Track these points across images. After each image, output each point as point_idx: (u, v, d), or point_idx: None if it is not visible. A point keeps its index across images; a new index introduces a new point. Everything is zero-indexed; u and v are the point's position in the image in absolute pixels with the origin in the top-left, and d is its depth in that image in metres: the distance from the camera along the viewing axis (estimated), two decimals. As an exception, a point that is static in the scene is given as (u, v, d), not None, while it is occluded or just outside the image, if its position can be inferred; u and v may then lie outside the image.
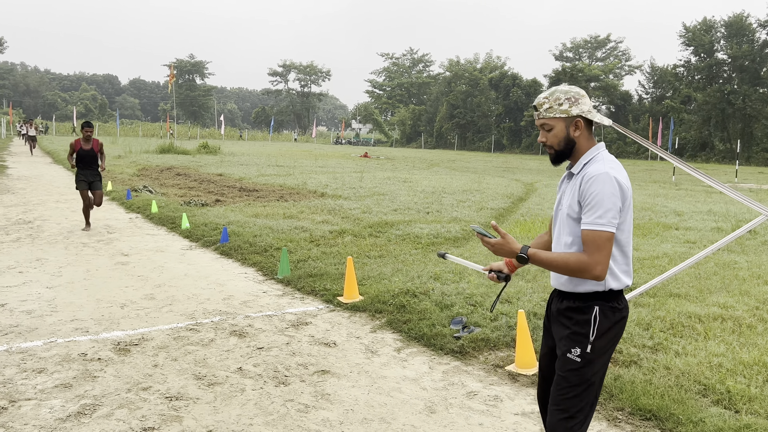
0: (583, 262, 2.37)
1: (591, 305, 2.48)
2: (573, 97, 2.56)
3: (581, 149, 2.59)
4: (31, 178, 19.46)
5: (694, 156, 54.93)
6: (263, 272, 7.54)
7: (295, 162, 30.29)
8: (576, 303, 2.52)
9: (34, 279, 6.89)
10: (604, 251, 2.36)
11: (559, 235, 2.60)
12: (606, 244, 2.36)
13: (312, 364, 4.61)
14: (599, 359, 2.49)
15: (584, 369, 2.46)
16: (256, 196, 14.78)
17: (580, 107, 2.55)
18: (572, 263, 2.39)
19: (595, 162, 2.52)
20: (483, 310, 5.63)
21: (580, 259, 2.38)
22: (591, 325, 2.46)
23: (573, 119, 2.56)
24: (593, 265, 2.35)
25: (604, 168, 2.44)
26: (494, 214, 12.52)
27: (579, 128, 2.57)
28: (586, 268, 2.37)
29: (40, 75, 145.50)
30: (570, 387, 2.47)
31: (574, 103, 2.55)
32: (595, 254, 2.36)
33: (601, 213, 2.37)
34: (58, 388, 4.04)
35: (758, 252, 8.88)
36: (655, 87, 67.05)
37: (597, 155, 2.55)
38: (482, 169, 30.36)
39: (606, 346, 2.50)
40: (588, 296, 2.49)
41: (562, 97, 2.57)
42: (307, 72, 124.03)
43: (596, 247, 2.36)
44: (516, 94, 74.13)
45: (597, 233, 2.36)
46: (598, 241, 2.36)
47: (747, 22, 55.46)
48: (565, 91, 2.58)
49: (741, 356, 4.57)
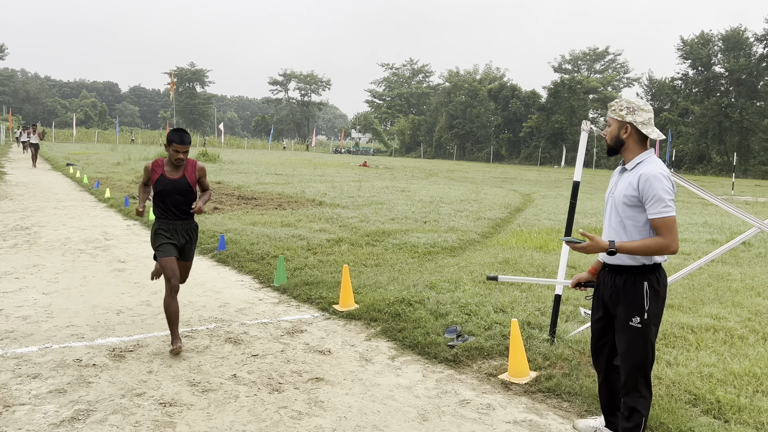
0: (662, 244, 3.03)
1: (641, 278, 3.15)
2: (632, 108, 3.20)
3: (631, 150, 3.23)
4: (30, 184, 19.49)
5: (692, 168, 55.12)
6: (260, 280, 7.57)
7: (294, 171, 30.36)
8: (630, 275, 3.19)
9: (30, 285, 6.91)
10: (675, 231, 3.04)
11: (610, 215, 3.30)
12: (674, 225, 3.04)
13: (306, 372, 4.64)
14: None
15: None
16: (254, 204, 14.82)
17: (633, 117, 3.18)
18: (653, 246, 3.04)
19: (648, 163, 3.15)
20: (477, 319, 5.66)
21: (659, 242, 3.04)
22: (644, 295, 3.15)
23: (625, 124, 3.21)
24: (670, 243, 3.03)
25: (657, 168, 3.09)
26: (491, 224, 12.56)
27: (628, 133, 3.21)
28: (666, 247, 3.03)
29: (40, 81, 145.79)
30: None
31: (630, 112, 3.20)
32: (669, 235, 3.03)
33: (664, 204, 3.03)
34: (52, 394, 4.06)
35: (752, 264, 8.93)
36: (653, 99, 67.31)
37: (648, 158, 3.18)
38: (480, 180, 30.44)
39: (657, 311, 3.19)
40: (638, 269, 3.16)
41: (624, 104, 3.23)
42: (308, 81, 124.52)
43: (668, 229, 3.03)
44: (515, 105, 74.44)
45: (665, 219, 3.03)
46: (669, 223, 3.03)
47: (744, 36, 55.86)
48: (629, 101, 3.24)
49: (732, 367, 4.60)
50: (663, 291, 3.21)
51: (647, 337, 3.17)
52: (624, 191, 3.18)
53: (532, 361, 4.76)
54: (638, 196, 3.12)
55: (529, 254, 8.94)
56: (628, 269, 3.18)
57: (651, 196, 3.05)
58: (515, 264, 8.20)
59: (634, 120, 3.19)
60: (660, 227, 3.04)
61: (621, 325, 3.23)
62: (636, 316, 3.16)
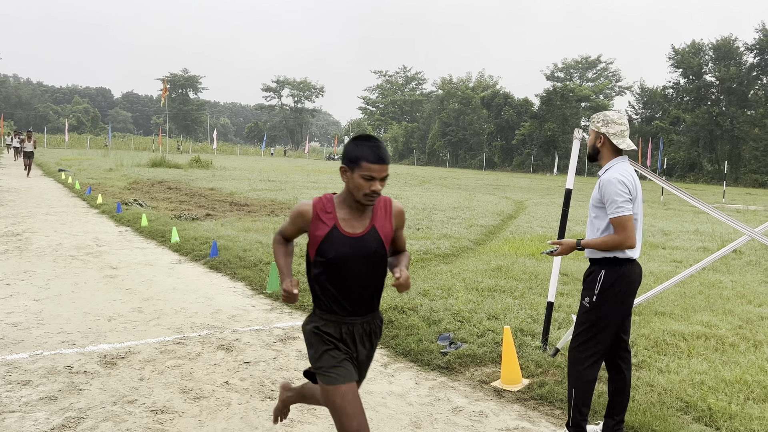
0: (617, 240, 3.41)
1: (600, 268, 3.54)
2: (606, 121, 3.61)
3: (605, 158, 3.64)
4: (21, 190, 19.39)
5: (683, 176, 55.46)
6: (252, 287, 7.55)
7: (287, 177, 30.34)
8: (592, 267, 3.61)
9: (21, 291, 6.86)
10: (628, 228, 3.38)
11: (589, 218, 3.69)
12: (627, 224, 3.38)
13: (299, 379, 4.62)
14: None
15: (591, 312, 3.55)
16: (246, 210, 14.80)
17: (607, 128, 3.59)
18: (610, 242, 3.43)
19: (611, 170, 3.54)
20: (470, 327, 5.67)
21: (614, 238, 3.42)
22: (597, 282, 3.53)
23: (600, 135, 3.63)
24: (624, 240, 3.38)
25: (615, 174, 3.47)
26: (484, 231, 12.59)
27: (602, 142, 3.62)
28: (620, 243, 3.40)
29: (32, 87, 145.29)
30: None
31: (605, 124, 3.61)
32: (622, 233, 3.39)
33: (616, 205, 3.39)
34: (43, 401, 4.03)
35: (743, 272, 8.99)
36: (644, 108, 67.81)
37: (614, 165, 3.57)
38: (473, 187, 30.52)
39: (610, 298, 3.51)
40: (598, 260, 3.56)
41: (601, 117, 3.65)
42: (301, 88, 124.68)
43: (621, 227, 3.38)
44: (507, 112, 74.72)
45: (618, 218, 3.39)
46: (622, 222, 3.38)
47: (735, 45, 56.38)
48: (605, 115, 3.64)
49: (723, 374, 4.62)
50: (620, 284, 3.49)
51: (590, 318, 3.53)
52: (593, 194, 3.61)
53: (525, 368, 4.77)
54: (600, 198, 3.52)
55: (521, 261, 8.96)
56: (592, 261, 3.63)
57: (607, 198, 3.45)
58: (508, 271, 8.22)
59: (608, 131, 3.58)
60: (615, 226, 3.42)
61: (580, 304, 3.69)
62: (587, 297, 3.57)
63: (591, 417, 3.96)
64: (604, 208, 3.49)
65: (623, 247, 3.41)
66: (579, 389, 3.56)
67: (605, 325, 3.51)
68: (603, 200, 3.48)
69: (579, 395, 3.56)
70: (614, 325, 3.54)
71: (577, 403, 3.56)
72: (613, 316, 3.52)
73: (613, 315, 3.52)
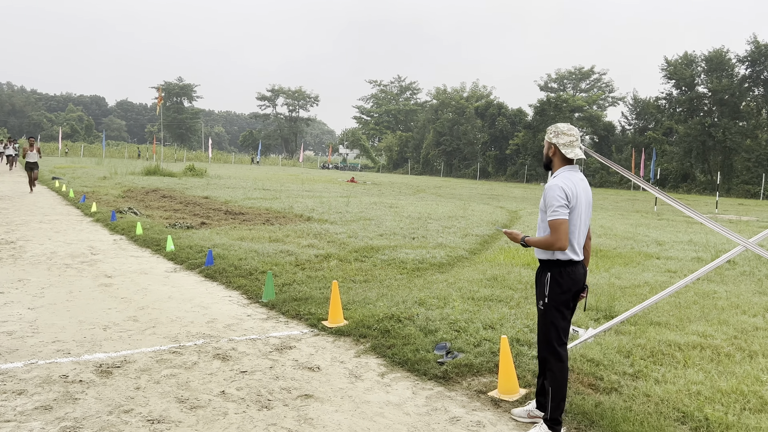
0: (550, 240, 3.73)
1: (546, 270, 3.86)
2: (557, 132, 3.91)
3: (556, 166, 3.96)
4: (14, 197, 19.30)
5: (676, 187, 55.76)
6: (248, 296, 7.53)
7: (282, 186, 30.33)
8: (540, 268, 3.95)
9: (15, 300, 6.82)
10: (561, 231, 3.68)
11: (539, 217, 3.97)
12: (560, 227, 3.69)
13: (295, 388, 4.61)
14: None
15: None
16: (241, 219, 14.78)
17: (557, 139, 3.90)
18: (544, 242, 3.76)
19: (556, 177, 3.86)
20: (467, 336, 5.67)
21: (548, 239, 3.74)
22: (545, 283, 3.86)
23: (551, 145, 3.95)
24: (554, 241, 3.70)
25: (557, 181, 3.80)
26: (479, 240, 12.61)
27: (553, 152, 3.95)
28: (552, 243, 3.71)
29: (26, 95, 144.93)
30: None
31: (555, 135, 3.92)
32: (554, 234, 3.70)
33: (553, 209, 3.71)
34: (38, 410, 4.00)
35: (737, 282, 9.03)
36: (637, 118, 68.20)
37: (560, 174, 3.88)
38: (467, 196, 30.58)
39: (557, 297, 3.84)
40: (544, 263, 3.89)
41: (553, 129, 3.94)
42: (296, 97, 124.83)
43: (554, 229, 3.70)
44: (501, 122, 75.07)
45: (553, 221, 3.71)
46: (555, 225, 3.70)
47: (727, 57, 56.87)
48: (557, 127, 3.94)
49: (719, 384, 4.64)
50: (566, 283, 3.81)
51: (548, 318, 3.85)
52: (541, 200, 3.92)
53: (522, 378, 4.77)
54: (543, 203, 3.85)
55: (517, 271, 8.98)
56: (540, 262, 3.93)
57: (547, 202, 3.78)
58: (503, 281, 8.23)
59: (558, 142, 3.89)
60: (550, 227, 3.74)
61: (537, 308, 3.97)
62: (540, 300, 3.90)
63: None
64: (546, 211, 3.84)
65: (555, 247, 3.71)
66: (562, 384, 3.84)
67: (559, 324, 3.86)
68: (544, 204, 3.83)
69: (563, 389, 3.85)
70: (568, 317, 3.91)
71: (562, 397, 3.84)
72: (565, 311, 3.87)
73: (565, 309, 3.87)
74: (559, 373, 3.84)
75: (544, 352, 3.90)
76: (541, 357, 3.92)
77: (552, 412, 3.84)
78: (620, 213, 22.51)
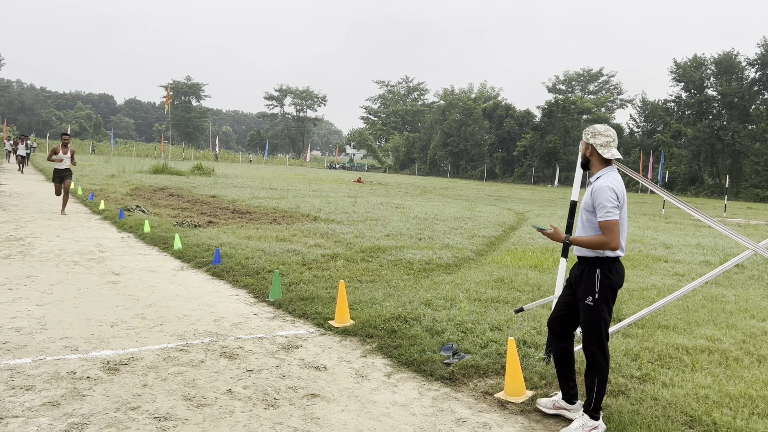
0: (603, 240, 3.81)
1: (595, 267, 3.93)
2: (594, 133, 4.02)
3: (595, 167, 4.06)
4: (23, 195, 19.41)
5: (684, 190, 55.51)
6: (255, 294, 7.54)
7: (289, 185, 30.38)
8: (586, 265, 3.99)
9: (24, 296, 6.86)
10: (614, 231, 3.79)
11: (579, 218, 4.07)
12: (614, 227, 3.79)
13: (302, 388, 4.61)
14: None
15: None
16: (248, 218, 14.80)
17: (595, 140, 4.01)
18: (596, 241, 3.84)
19: (602, 178, 3.95)
20: (473, 337, 5.66)
21: (600, 239, 3.82)
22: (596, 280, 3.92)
23: (589, 146, 4.06)
24: (609, 241, 3.79)
25: (606, 182, 3.89)
26: (486, 242, 12.59)
27: (591, 152, 4.05)
28: (606, 243, 3.80)
29: (35, 93, 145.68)
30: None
31: (593, 136, 4.03)
32: (608, 234, 3.80)
33: (606, 210, 3.80)
34: (46, 406, 4.02)
35: (745, 286, 8.97)
36: (646, 121, 67.99)
37: (605, 174, 3.98)
38: (474, 197, 30.54)
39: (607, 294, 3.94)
40: (593, 260, 3.94)
41: (590, 130, 4.05)
42: (303, 97, 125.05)
43: (608, 229, 3.80)
44: (509, 124, 74.95)
45: (606, 222, 3.80)
46: (609, 225, 3.79)
47: (736, 60, 56.60)
48: (594, 128, 4.05)
49: (727, 389, 4.61)
50: (615, 279, 3.93)
51: (598, 312, 3.92)
52: (585, 199, 4.00)
53: (529, 380, 4.76)
54: (591, 203, 3.91)
55: (524, 273, 8.95)
56: (587, 260, 3.97)
57: (598, 203, 3.85)
58: (510, 283, 8.21)
59: (595, 142, 3.99)
60: (602, 228, 3.82)
61: (580, 304, 4.01)
62: (589, 297, 3.93)
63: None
64: (594, 212, 3.89)
65: (607, 247, 3.80)
66: (602, 378, 3.94)
67: (607, 317, 3.97)
68: (594, 205, 3.88)
69: (603, 383, 3.95)
70: (611, 314, 4.01)
71: (602, 390, 3.94)
72: (611, 306, 3.99)
73: (611, 305, 3.99)
74: (606, 365, 3.96)
75: (593, 346, 3.95)
76: (589, 351, 3.98)
77: (596, 402, 3.94)
78: (628, 216, 22.39)
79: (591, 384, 3.95)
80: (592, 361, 3.98)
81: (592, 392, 3.94)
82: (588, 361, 4.02)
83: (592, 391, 3.94)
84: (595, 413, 3.95)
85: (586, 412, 3.97)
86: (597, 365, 3.95)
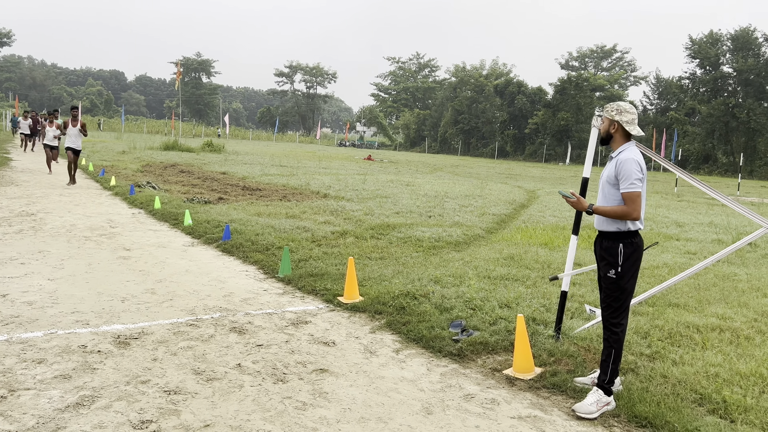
0: (625, 210, 3.91)
1: (617, 241, 4.00)
2: (620, 110, 4.08)
3: (617, 142, 4.13)
4: (35, 171, 19.52)
5: (697, 168, 54.95)
6: (264, 271, 7.56)
7: (299, 163, 30.35)
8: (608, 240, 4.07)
9: (35, 271, 6.91)
10: (637, 203, 3.89)
11: (601, 190, 4.15)
12: (637, 199, 3.89)
13: (311, 363, 4.63)
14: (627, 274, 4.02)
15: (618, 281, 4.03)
16: (258, 195, 14.82)
17: (621, 117, 4.07)
18: (619, 212, 3.93)
19: (626, 152, 4.03)
20: (482, 314, 5.65)
21: (624, 209, 3.91)
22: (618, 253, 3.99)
23: (613, 122, 4.12)
24: (631, 212, 3.89)
25: (631, 155, 3.98)
26: (496, 219, 12.54)
27: (615, 129, 4.11)
28: (628, 214, 3.90)
29: (46, 69, 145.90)
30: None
31: (618, 113, 4.09)
32: (631, 205, 3.89)
33: (630, 181, 3.89)
34: (57, 379, 4.06)
35: (758, 265, 8.89)
36: (659, 98, 67.09)
37: (628, 148, 4.06)
38: (485, 175, 30.39)
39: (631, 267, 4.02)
40: (615, 234, 4.03)
41: (615, 107, 4.12)
42: (313, 73, 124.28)
43: (631, 201, 3.89)
44: (521, 101, 74.21)
45: (630, 193, 3.90)
46: (632, 197, 3.89)
47: (753, 36, 55.53)
48: (619, 105, 4.12)
49: (738, 367, 4.58)
50: (637, 252, 4.01)
51: (619, 285, 4.01)
52: (608, 173, 4.08)
53: (537, 357, 4.75)
54: (615, 175, 3.98)
55: (534, 251, 8.91)
56: (609, 234, 4.06)
57: (624, 175, 3.93)
58: (520, 260, 8.18)
59: (621, 119, 4.06)
60: (626, 199, 3.91)
61: (603, 277, 4.10)
62: (611, 270, 4.02)
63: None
64: (617, 184, 3.97)
65: (629, 218, 3.90)
66: (619, 350, 4.03)
67: (630, 289, 4.03)
68: (618, 176, 3.96)
69: (619, 356, 4.03)
70: (634, 287, 4.06)
71: (617, 363, 4.03)
72: (634, 280, 4.04)
73: (634, 279, 4.04)
74: (623, 337, 4.05)
75: (613, 318, 4.04)
76: (608, 324, 4.06)
77: (611, 375, 4.00)
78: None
79: (607, 357, 4.02)
80: (609, 333, 4.05)
81: (607, 365, 4.01)
82: (605, 333, 4.09)
83: (608, 363, 4.01)
84: (609, 387, 3.99)
85: (600, 387, 4.01)
86: (614, 338, 4.02)
